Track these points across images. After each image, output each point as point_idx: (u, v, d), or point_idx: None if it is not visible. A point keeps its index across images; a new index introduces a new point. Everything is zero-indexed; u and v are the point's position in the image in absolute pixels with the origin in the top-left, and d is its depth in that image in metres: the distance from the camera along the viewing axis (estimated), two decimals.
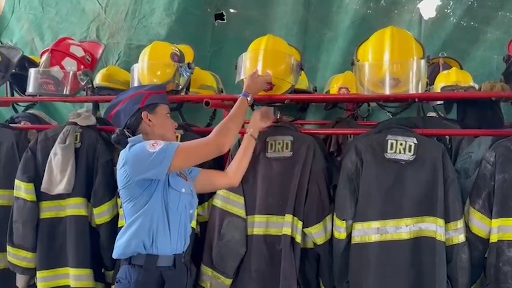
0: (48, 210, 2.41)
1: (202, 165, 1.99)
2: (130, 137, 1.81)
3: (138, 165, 1.69)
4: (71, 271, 2.34)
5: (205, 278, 2.16)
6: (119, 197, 2.05)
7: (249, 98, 1.96)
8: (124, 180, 1.73)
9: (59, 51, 2.50)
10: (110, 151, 2.54)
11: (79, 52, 2.54)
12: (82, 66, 2.51)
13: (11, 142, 2.61)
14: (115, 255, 1.77)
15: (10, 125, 2.72)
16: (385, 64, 1.94)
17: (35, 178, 2.42)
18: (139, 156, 1.68)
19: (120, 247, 1.74)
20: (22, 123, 2.75)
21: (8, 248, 2.43)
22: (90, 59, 2.56)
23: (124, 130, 1.84)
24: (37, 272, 2.40)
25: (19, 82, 2.81)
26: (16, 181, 2.43)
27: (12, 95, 2.91)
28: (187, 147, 1.76)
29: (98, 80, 3.02)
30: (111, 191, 2.36)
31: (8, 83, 2.90)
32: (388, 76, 1.95)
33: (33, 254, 2.41)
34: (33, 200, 2.40)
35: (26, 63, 2.80)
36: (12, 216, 2.43)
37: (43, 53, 2.57)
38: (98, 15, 3.88)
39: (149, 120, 1.83)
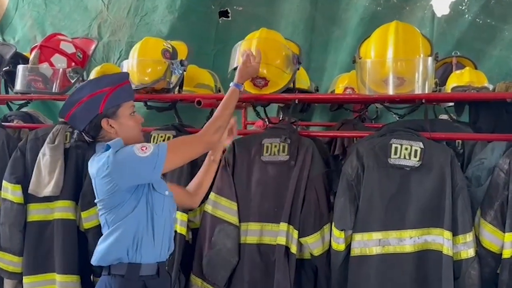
0: (36, 213, 2.32)
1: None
2: (89, 142, 1.67)
3: (130, 172, 1.56)
4: (58, 277, 2.24)
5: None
6: None
7: (241, 89, 1.84)
8: (110, 190, 1.58)
9: (48, 47, 2.40)
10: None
11: (69, 48, 2.44)
12: (72, 63, 2.42)
13: (1, 142, 2.52)
14: (94, 261, 1.65)
15: (2, 123, 2.63)
16: (389, 61, 1.79)
17: (24, 179, 2.33)
18: (129, 162, 1.55)
19: (100, 253, 1.62)
20: (15, 122, 2.67)
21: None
22: (81, 56, 2.46)
23: (83, 134, 1.67)
24: (24, 277, 2.31)
25: (13, 79, 2.73)
26: (4, 182, 2.34)
27: (7, 92, 2.83)
28: (176, 147, 1.64)
29: (92, 77, 2.92)
30: None
31: (3, 80, 2.83)
32: (391, 75, 1.80)
33: (20, 258, 2.32)
34: (20, 202, 2.30)
35: (20, 60, 2.72)
36: None
37: (32, 49, 2.49)
38: (101, 12, 3.83)
39: (111, 126, 1.63)
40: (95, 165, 1.61)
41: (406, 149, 1.81)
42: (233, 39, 3.65)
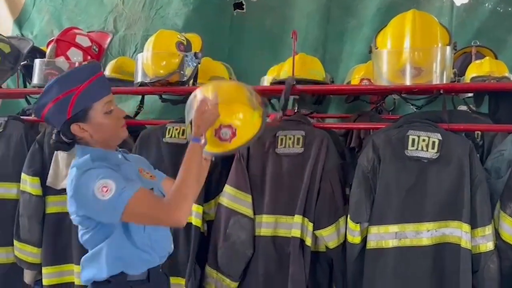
0: (53, 205, 2.36)
1: None
2: (68, 143, 1.50)
3: (89, 209, 1.41)
4: (76, 268, 2.28)
5: (210, 280, 2.05)
6: None
7: (201, 142, 1.51)
8: (77, 212, 1.44)
9: (64, 41, 2.42)
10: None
11: (85, 42, 2.46)
12: (88, 57, 2.44)
13: (20, 135, 2.56)
14: (83, 282, 1.51)
15: (21, 117, 2.67)
16: (406, 51, 1.75)
17: (42, 171, 2.37)
18: (88, 200, 1.37)
19: (87, 277, 1.49)
20: (33, 115, 2.71)
21: (15, 242, 2.40)
22: (97, 49, 2.47)
23: (60, 135, 1.49)
24: (43, 268, 2.36)
25: (31, 73, 2.76)
26: (22, 175, 2.38)
27: (25, 86, 2.88)
28: (138, 206, 1.38)
29: (108, 71, 2.94)
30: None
31: (21, 74, 2.88)
32: (408, 65, 1.76)
33: (39, 249, 2.37)
34: (39, 194, 2.35)
35: (38, 54, 2.75)
36: (18, 210, 2.39)
37: (49, 43, 2.51)
38: (116, 6, 3.82)
39: (83, 129, 1.46)
40: (69, 176, 1.45)
41: (424, 140, 1.78)
42: (248, 31, 3.66)
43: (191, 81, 2.28)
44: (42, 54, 2.76)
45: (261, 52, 3.50)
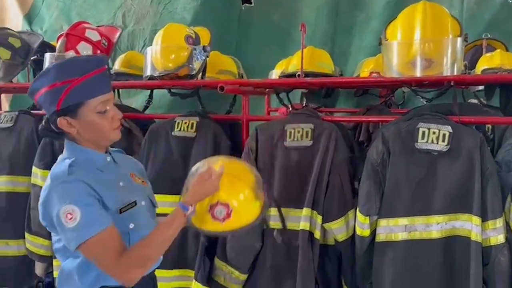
0: None
1: None
2: (57, 132, 1.38)
3: (47, 222, 1.33)
4: None
5: (219, 272, 2.05)
6: None
7: (188, 212, 1.37)
8: (42, 219, 1.35)
9: (74, 35, 2.44)
10: (128, 138, 2.49)
11: (95, 36, 2.47)
12: (98, 51, 2.45)
13: (30, 129, 2.59)
14: None
15: (31, 111, 2.70)
16: (416, 42, 1.74)
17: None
18: (50, 215, 1.30)
19: None
20: (43, 110, 2.72)
21: (26, 235, 2.43)
22: (106, 44, 2.48)
23: (50, 123, 1.38)
24: (53, 260, 2.38)
25: (41, 68, 2.78)
26: (33, 168, 2.41)
27: None
28: (93, 251, 1.28)
29: (117, 65, 2.95)
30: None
31: (31, 69, 2.90)
32: (419, 56, 1.74)
33: (50, 241, 2.37)
34: None
35: (48, 48, 2.77)
36: (29, 203, 2.42)
37: (59, 37, 2.53)
38: (125, 1, 3.83)
39: (71, 125, 1.34)
40: (44, 186, 1.34)
41: (434, 133, 1.77)
42: (256, 25, 3.65)
43: (200, 75, 2.28)
44: (52, 49, 2.78)
45: (269, 47, 3.49)
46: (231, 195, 1.42)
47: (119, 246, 1.30)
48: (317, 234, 1.91)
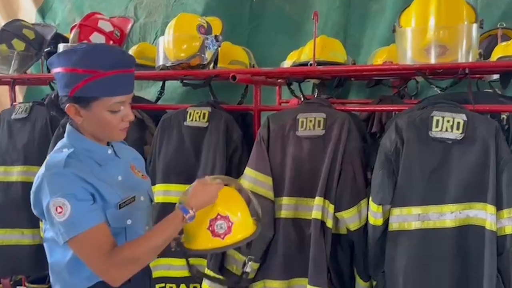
0: None
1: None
2: (62, 110, 1.33)
3: (37, 211, 1.32)
4: None
5: (231, 261, 2.06)
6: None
7: (187, 216, 1.31)
8: (33, 206, 1.33)
9: (87, 26, 2.46)
10: (140, 129, 2.51)
11: (107, 27, 2.49)
12: (111, 41, 2.46)
13: (45, 120, 2.62)
14: None
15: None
16: (430, 29, 1.72)
17: None
18: (40, 204, 1.28)
19: (62, 287, 1.35)
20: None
21: (41, 224, 2.45)
22: (119, 34, 2.50)
23: (58, 100, 1.34)
24: None
25: None
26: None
27: (49, 72, 2.92)
28: (81, 247, 1.24)
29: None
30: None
31: (45, 60, 2.93)
32: (433, 43, 1.72)
33: None
34: None
35: (61, 40, 2.80)
36: None
37: (72, 28, 2.55)
38: None
39: (78, 114, 1.30)
40: (38, 173, 1.31)
41: (448, 121, 1.74)
42: (267, 17, 3.63)
43: (212, 65, 2.28)
44: (65, 40, 2.80)
45: (280, 38, 3.48)
46: (230, 210, 1.39)
47: (109, 244, 1.25)
48: (329, 223, 1.90)
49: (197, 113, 2.23)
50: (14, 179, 2.64)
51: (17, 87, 3.01)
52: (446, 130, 1.74)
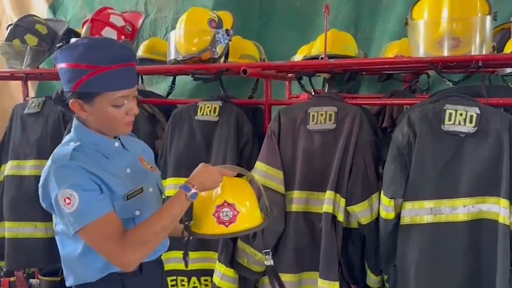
0: None
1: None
2: (66, 103, 1.34)
3: (46, 204, 1.33)
4: None
5: (242, 254, 2.07)
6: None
7: (189, 193, 1.30)
8: (41, 200, 1.34)
9: (99, 21, 2.47)
10: (152, 123, 2.52)
11: (119, 21, 2.50)
12: (122, 36, 2.47)
13: (57, 114, 2.64)
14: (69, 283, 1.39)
15: None
16: (443, 21, 1.70)
17: None
18: (48, 197, 1.29)
19: (77, 282, 1.36)
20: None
21: (53, 217, 2.48)
22: (130, 29, 2.51)
23: (63, 95, 1.34)
24: None
25: None
26: None
27: None
28: (92, 236, 1.26)
29: (140, 51, 2.98)
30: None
31: None
32: (446, 36, 1.71)
33: None
34: None
35: (73, 35, 2.82)
36: None
37: (84, 23, 2.57)
38: None
39: (83, 109, 1.31)
40: (46, 166, 1.32)
41: (461, 114, 1.73)
42: (277, 12, 3.62)
43: (222, 59, 2.29)
44: (77, 36, 2.83)
45: (290, 34, 3.46)
46: (237, 198, 1.38)
47: (119, 231, 1.26)
48: (340, 217, 1.90)
49: (208, 107, 2.24)
50: (27, 173, 2.67)
51: (29, 83, 3.04)
52: (459, 124, 1.73)
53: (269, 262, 1.50)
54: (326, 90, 2.81)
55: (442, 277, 1.74)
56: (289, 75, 2.52)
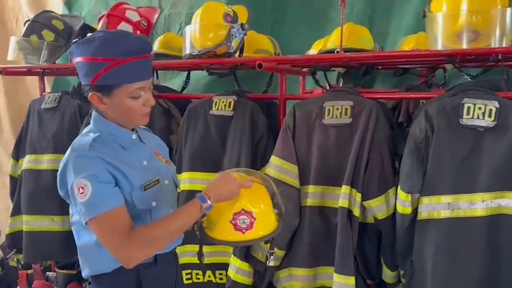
0: None
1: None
2: (86, 98, 1.38)
3: (63, 191, 1.38)
4: None
5: (257, 248, 2.07)
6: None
7: (204, 205, 1.32)
8: (59, 188, 1.39)
9: (115, 16, 2.49)
10: (167, 118, 2.53)
11: (135, 16, 2.51)
12: (138, 31, 2.49)
13: (74, 109, 2.68)
14: (85, 276, 1.43)
15: None
16: (462, 13, 1.67)
17: None
18: (65, 185, 1.34)
19: (92, 272, 1.39)
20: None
21: (70, 211, 2.51)
22: (145, 24, 2.52)
23: (81, 89, 1.38)
24: None
25: None
26: None
27: None
28: (101, 228, 1.28)
29: (155, 47, 2.98)
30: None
31: None
32: (465, 28, 1.68)
33: None
34: None
35: (89, 31, 2.84)
36: None
37: (100, 18, 2.58)
38: None
39: (102, 102, 1.35)
40: (65, 156, 1.37)
41: (480, 108, 1.71)
42: (291, 7, 3.60)
43: (237, 53, 2.28)
44: (92, 31, 2.84)
45: (305, 28, 3.44)
46: (254, 205, 1.38)
47: (126, 226, 1.28)
48: (356, 212, 1.89)
49: (223, 102, 2.24)
50: (44, 167, 2.70)
51: (45, 78, 3.08)
52: (478, 118, 1.71)
53: (271, 262, 1.49)
54: (340, 85, 2.79)
55: (459, 272, 1.72)
56: (304, 69, 2.50)
